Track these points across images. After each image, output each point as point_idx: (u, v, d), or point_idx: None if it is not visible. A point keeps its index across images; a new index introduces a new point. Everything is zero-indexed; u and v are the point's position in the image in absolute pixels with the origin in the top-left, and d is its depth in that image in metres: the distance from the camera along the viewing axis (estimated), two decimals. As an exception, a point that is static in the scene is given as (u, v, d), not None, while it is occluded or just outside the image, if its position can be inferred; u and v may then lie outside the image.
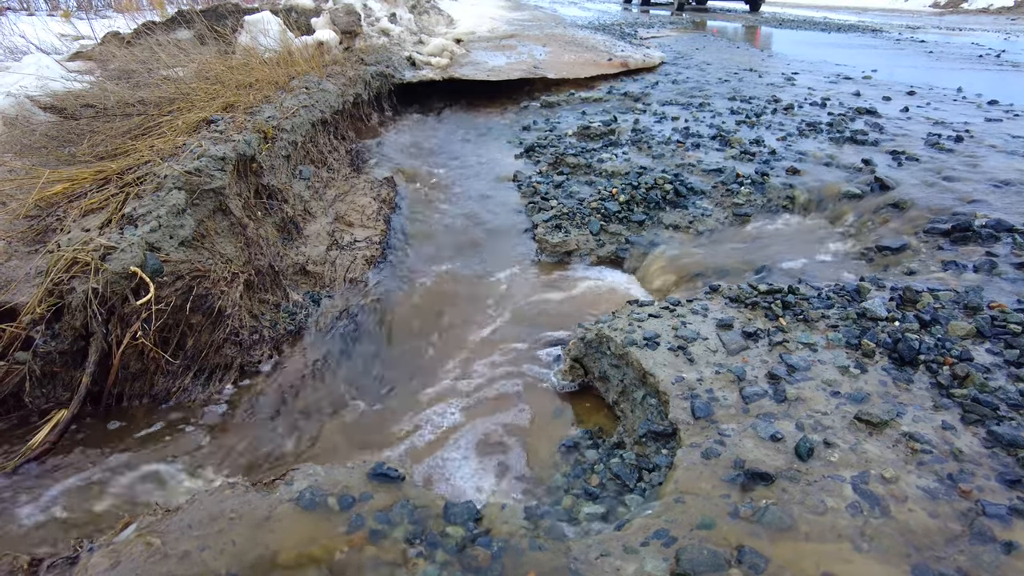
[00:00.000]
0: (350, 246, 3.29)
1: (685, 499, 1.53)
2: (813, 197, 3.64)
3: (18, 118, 3.49)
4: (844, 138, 4.54)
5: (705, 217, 3.57)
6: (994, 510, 1.43)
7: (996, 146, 4.20)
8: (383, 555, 1.39)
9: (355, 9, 6.58)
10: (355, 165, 4.43)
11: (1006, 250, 2.71)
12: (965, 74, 7.77)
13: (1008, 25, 16.29)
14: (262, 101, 3.73)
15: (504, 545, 1.43)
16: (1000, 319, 2.13)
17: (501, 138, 5.43)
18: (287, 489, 1.57)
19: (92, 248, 2.11)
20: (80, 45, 6.14)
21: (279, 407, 2.28)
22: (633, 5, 21.20)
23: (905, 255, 2.88)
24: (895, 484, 1.53)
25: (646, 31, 12.24)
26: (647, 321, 2.31)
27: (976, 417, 1.73)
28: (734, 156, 4.32)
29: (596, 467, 1.90)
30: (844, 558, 1.34)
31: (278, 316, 2.65)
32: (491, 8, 14.23)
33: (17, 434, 2.01)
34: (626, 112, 5.80)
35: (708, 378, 1.98)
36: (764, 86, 6.80)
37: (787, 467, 1.59)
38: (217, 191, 2.59)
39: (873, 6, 24.86)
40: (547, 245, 3.41)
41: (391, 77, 6.05)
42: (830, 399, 1.85)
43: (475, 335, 2.74)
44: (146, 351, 2.16)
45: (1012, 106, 5.61)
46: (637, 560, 1.36)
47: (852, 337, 2.13)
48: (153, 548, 1.38)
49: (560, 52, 8.14)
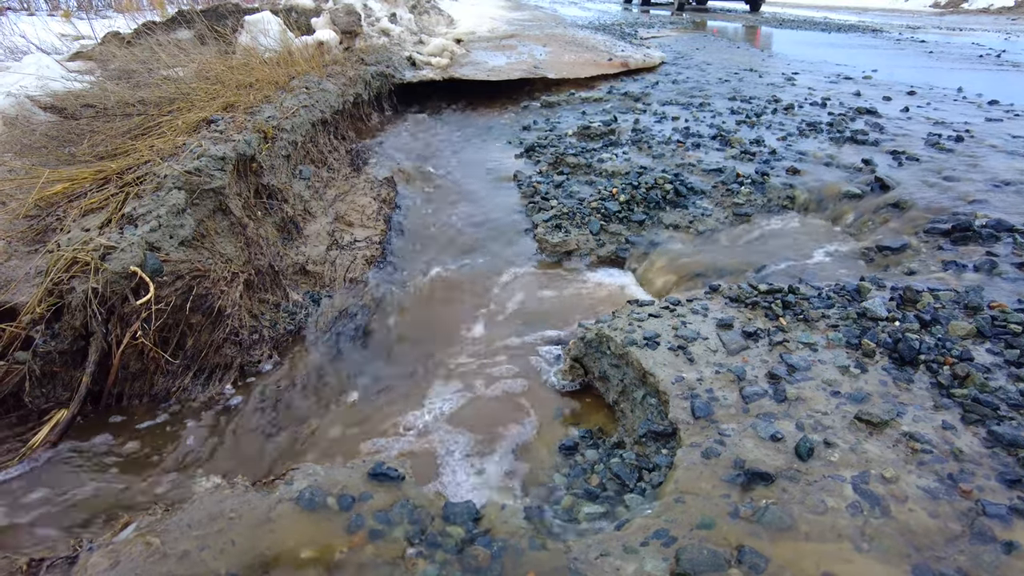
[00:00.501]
0: (350, 246, 3.29)
1: (685, 499, 1.52)
2: (813, 197, 3.64)
3: (18, 118, 3.50)
4: (844, 138, 4.54)
5: (705, 217, 3.57)
6: (994, 510, 1.43)
7: (996, 146, 4.20)
8: (383, 555, 1.39)
9: (355, 9, 6.58)
10: (355, 165, 4.43)
11: (1007, 250, 2.71)
12: (965, 74, 7.77)
13: (1008, 25, 16.29)
14: (262, 101, 3.73)
15: (504, 545, 1.43)
16: (1000, 319, 2.13)
17: (501, 138, 5.43)
18: (287, 489, 1.57)
19: (92, 248, 2.11)
20: (80, 45, 6.15)
21: (279, 407, 2.28)
22: (633, 5, 21.20)
23: (905, 255, 2.88)
24: (895, 484, 1.52)
25: (646, 31, 12.24)
26: (647, 321, 2.31)
27: (976, 417, 1.73)
28: (734, 156, 4.32)
29: (596, 467, 1.89)
30: (844, 558, 1.34)
31: (278, 316, 2.65)
32: (491, 8, 14.23)
33: (17, 433, 2.01)
34: (626, 112, 5.80)
35: (708, 378, 1.97)
36: (764, 86, 6.80)
37: (787, 467, 1.59)
38: (217, 191, 2.59)
39: (873, 6, 24.85)
40: (547, 245, 3.41)
41: (391, 77, 6.06)
42: (830, 399, 1.84)
43: (475, 334, 2.74)
44: (146, 351, 2.16)
45: (1012, 106, 5.61)
46: (637, 560, 1.36)
47: (852, 337, 2.13)
48: (152, 548, 1.38)
49: (560, 52, 8.14)
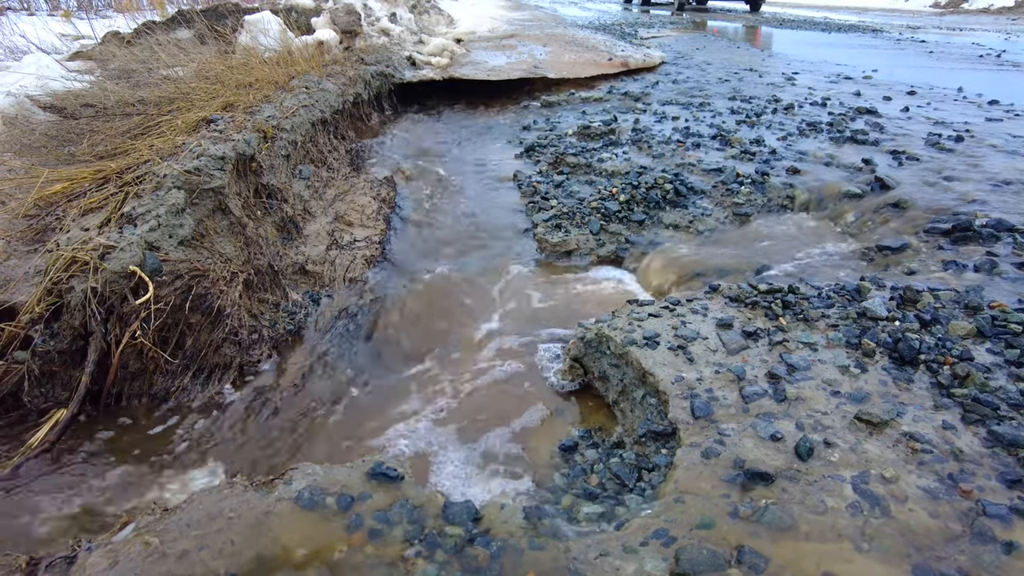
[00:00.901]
0: (350, 246, 3.28)
1: (685, 499, 1.52)
2: (813, 197, 3.64)
3: (18, 117, 3.49)
4: (844, 138, 4.54)
5: (705, 217, 3.57)
6: (995, 510, 1.43)
7: (997, 146, 4.20)
8: (382, 555, 1.39)
9: (355, 9, 6.58)
10: (355, 165, 4.43)
11: (1007, 250, 2.70)
12: (965, 74, 7.76)
13: (1008, 25, 16.28)
14: (262, 101, 3.73)
15: (503, 545, 1.43)
16: (1001, 319, 2.13)
17: (501, 138, 5.43)
18: (286, 488, 1.57)
19: (91, 247, 2.10)
20: (80, 45, 6.14)
21: (278, 406, 2.28)
22: (633, 5, 21.19)
23: (905, 255, 2.88)
24: (895, 484, 1.52)
25: (646, 31, 12.23)
26: (647, 320, 2.31)
27: (977, 417, 1.73)
28: (734, 156, 4.32)
29: (596, 467, 1.89)
30: (844, 558, 1.34)
31: (277, 316, 2.65)
32: (491, 8, 14.23)
33: (16, 433, 2.01)
34: (626, 112, 5.79)
35: (708, 377, 1.97)
36: (764, 86, 6.80)
37: (787, 467, 1.59)
38: (216, 190, 2.59)
39: (873, 6, 24.84)
40: (547, 245, 3.41)
41: (391, 77, 6.05)
42: (830, 399, 1.84)
43: (475, 334, 2.73)
44: (145, 350, 2.16)
45: (1012, 106, 5.61)
46: (636, 560, 1.36)
47: (852, 337, 2.13)
48: (151, 547, 1.38)
49: (560, 52, 8.14)
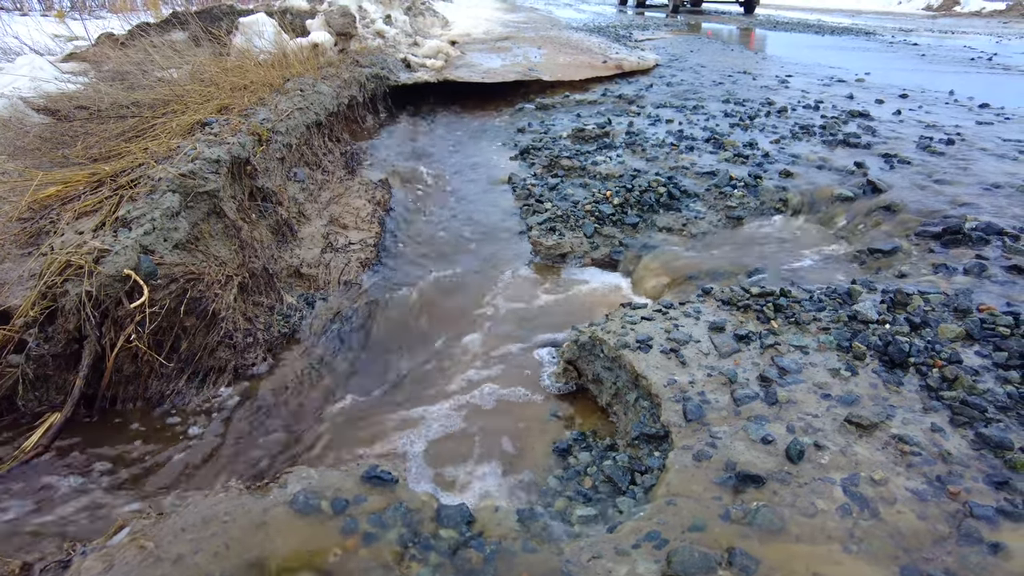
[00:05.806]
0: (344, 248, 3.29)
1: (677, 501, 1.54)
2: (806, 200, 3.67)
3: (11, 120, 3.48)
4: (837, 141, 4.57)
5: (698, 219, 3.59)
6: (982, 511, 1.45)
7: (987, 149, 4.24)
8: (377, 558, 1.40)
9: (350, 11, 6.58)
10: (350, 167, 4.43)
11: (996, 253, 2.73)
12: (957, 77, 7.83)
13: (1000, 28, 16.41)
14: (257, 103, 3.73)
15: (497, 547, 1.44)
16: (989, 322, 2.15)
17: (496, 140, 5.44)
18: (281, 492, 1.57)
19: (86, 251, 2.10)
20: (74, 46, 6.12)
21: (273, 410, 2.28)
22: (628, 7, 21.24)
23: (896, 258, 2.91)
24: (885, 486, 1.54)
25: (641, 33, 12.27)
26: (640, 324, 2.33)
27: (965, 419, 1.75)
28: (728, 159, 4.34)
29: (589, 469, 1.91)
30: (834, 560, 1.35)
31: (272, 319, 2.65)
32: (486, 10, 14.25)
33: (9, 437, 2.01)
34: (620, 114, 5.82)
35: (700, 381, 1.99)
36: (758, 88, 6.84)
37: (778, 469, 1.61)
38: (211, 193, 2.59)
39: (867, 9, 25.00)
40: (541, 247, 3.43)
41: (386, 79, 6.06)
42: (821, 401, 1.86)
43: (469, 337, 2.74)
44: (140, 354, 2.16)
45: (1003, 109, 5.66)
46: (629, 562, 1.37)
47: (843, 339, 2.15)
48: (146, 552, 1.38)
49: (555, 54, 8.16)
